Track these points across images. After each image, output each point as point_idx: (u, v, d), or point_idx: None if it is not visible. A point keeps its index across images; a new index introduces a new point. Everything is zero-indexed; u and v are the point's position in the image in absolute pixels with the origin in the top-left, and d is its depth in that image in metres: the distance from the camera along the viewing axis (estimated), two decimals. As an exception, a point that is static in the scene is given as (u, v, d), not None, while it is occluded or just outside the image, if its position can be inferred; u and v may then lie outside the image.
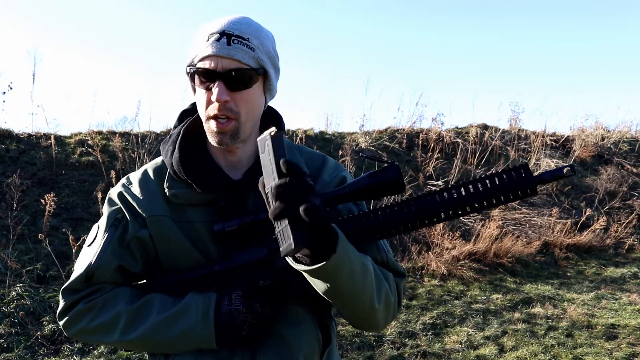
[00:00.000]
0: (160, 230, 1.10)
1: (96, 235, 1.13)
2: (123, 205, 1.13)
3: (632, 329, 4.27)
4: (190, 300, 1.04)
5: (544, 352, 3.83)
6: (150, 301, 1.06)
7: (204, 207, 1.12)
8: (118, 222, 1.12)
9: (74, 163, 5.66)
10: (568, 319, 4.45)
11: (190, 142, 1.16)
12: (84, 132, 6.31)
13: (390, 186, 0.95)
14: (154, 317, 1.03)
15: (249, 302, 1.02)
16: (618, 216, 7.27)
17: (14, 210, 4.58)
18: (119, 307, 1.05)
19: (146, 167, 1.21)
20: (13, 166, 5.37)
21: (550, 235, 6.38)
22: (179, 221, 1.11)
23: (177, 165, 1.12)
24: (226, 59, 1.03)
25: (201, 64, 1.05)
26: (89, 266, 1.08)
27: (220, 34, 1.04)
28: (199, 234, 1.10)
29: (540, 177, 0.91)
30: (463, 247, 5.59)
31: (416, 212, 0.96)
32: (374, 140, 7.53)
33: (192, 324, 1.02)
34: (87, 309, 1.06)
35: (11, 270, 4.02)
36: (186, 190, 1.11)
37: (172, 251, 1.10)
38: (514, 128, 9.13)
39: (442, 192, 0.95)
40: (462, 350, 3.83)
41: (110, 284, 1.10)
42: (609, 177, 8.19)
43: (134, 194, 1.14)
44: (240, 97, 1.06)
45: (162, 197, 1.13)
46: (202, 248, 1.10)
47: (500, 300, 4.82)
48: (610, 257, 6.36)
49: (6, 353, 3.33)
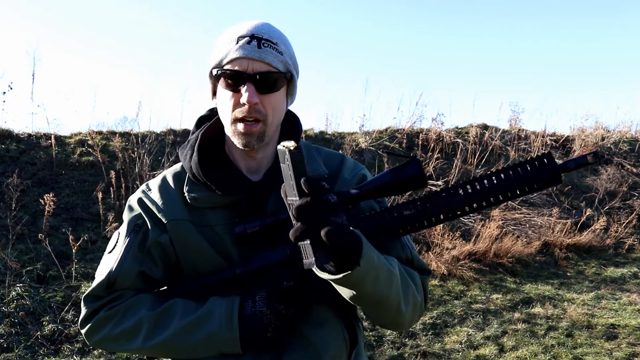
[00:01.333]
0: (180, 234, 1.09)
1: (117, 242, 1.13)
2: (143, 211, 1.13)
3: (632, 329, 4.27)
4: (213, 305, 1.03)
5: (544, 352, 3.83)
6: (172, 306, 1.05)
7: (224, 209, 1.11)
8: (138, 228, 1.12)
9: (74, 163, 5.66)
10: (568, 319, 4.45)
11: (209, 147, 1.16)
12: (84, 132, 6.31)
13: (412, 181, 0.94)
14: (176, 323, 1.02)
15: (272, 303, 1.01)
16: (618, 216, 7.27)
17: (13, 210, 4.58)
18: (142, 313, 1.04)
19: (165, 173, 1.21)
20: (13, 166, 5.37)
21: (550, 235, 6.38)
22: (199, 225, 1.10)
23: (197, 168, 1.12)
24: (257, 62, 1.04)
25: (230, 65, 1.05)
26: (110, 273, 1.07)
27: (250, 37, 1.05)
28: (219, 237, 1.10)
29: (564, 165, 0.90)
30: (463, 247, 5.59)
31: (441, 206, 0.95)
32: (374, 140, 7.52)
33: (216, 328, 1.00)
34: (110, 316, 1.06)
35: (11, 270, 4.01)
36: (206, 193, 1.11)
37: (193, 255, 1.10)
38: (514, 128, 9.13)
39: (465, 185, 0.93)
40: (462, 350, 3.83)
41: (132, 291, 1.09)
42: (609, 177, 8.19)
43: (153, 200, 1.14)
44: (267, 100, 1.06)
45: (182, 201, 1.13)
46: (223, 251, 1.09)
47: (500, 300, 4.82)
48: (610, 257, 6.36)
49: (6, 353, 3.33)
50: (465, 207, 0.94)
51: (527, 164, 0.90)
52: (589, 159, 0.88)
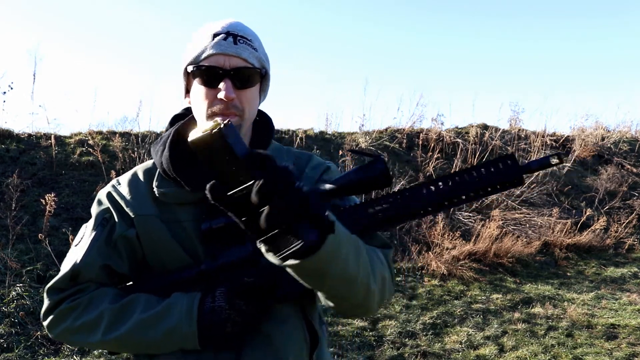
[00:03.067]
0: (147, 229, 1.09)
1: (83, 235, 1.13)
2: (111, 205, 1.13)
3: (632, 329, 4.27)
4: (174, 300, 1.02)
5: (544, 352, 3.83)
6: (134, 301, 1.04)
7: (193, 206, 1.10)
8: (106, 222, 1.12)
9: (74, 163, 5.66)
10: (568, 319, 4.45)
11: (182, 144, 1.15)
12: (84, 132, 6.31)
13: (377, 180, 0.94)
14: (137, 317, 1.01)
15: (232, 299, 1.00)
16: (618, 216, 7.27)
17: (13, 210, 4.58)
18: (103, 306, 1.03)
19: (136, 168, 1.21)
20: (13, 166, 5.37)
21: (550, 235, 6.38)
22: (167, 221, 1.09)
23: (167, 163, 1.12)
24: (234, 57, 1.05)
25: (207, 62, 1.06)
26: (75, 265, 1.07)
27: (226, 34, 1.06)
28: (187, 233, 1.09)
29: (526, 167, 0.91)
30: (463, 247, 5.59)
31: (403, 206, 0.95)
32: (374, 140, 7.53)
33: (175, 322, 1.00)
34: (72, 308, 1.05)
35: (11, 270, 4.01)
36: (175, 190, 1.11)
37: (159, 251, 1.09)
38: (514, 128, 9.13)
39: (429, 185, 0.94)
40: (462, 350, 3.83)
41: (96, 284, 1.08)
42: (609, 177, 8.19)
43: (122, 194, 1.14)
44: (244, 95, 1.07)
45: (151, 197, 1.12)
46: (190, 248, 1.08)
47: (500, 300, 4.82)
48: (610, 257, 6.36)
49: (6, 353, 3.33)
50: (428, 207, 0.94)
51: (490, 165, 0.91)
52: (552, 161, 0.88)
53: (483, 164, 0.91)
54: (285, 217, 0.73)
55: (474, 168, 0.92)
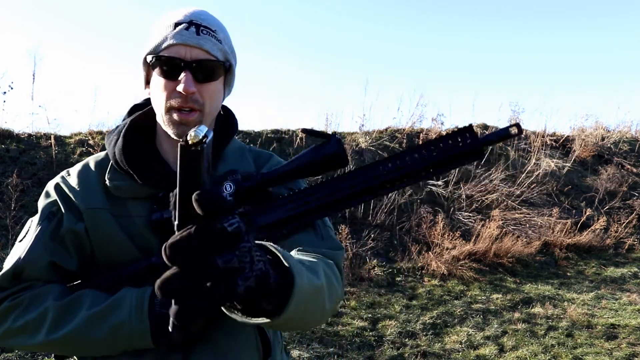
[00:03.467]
0: (97, 223, 1.02)
1: (28, 230, 1.05)
2: (59, 198, 1.06)
3: (632, 329, 4.27)
4: (123, 294, 0.95)
5: (544, 352, 3.83)
6: (80, 297, 0.96)
7: (146, 201, 1.05)
8: (52, 215, 1.04)
9: (74, 163, 5.65)
10: (568, 319, 4.45)
11: (137, 135, 1.11)
12: (84, 132, 6.31)
13: (332, 160, 0.90)
14: (83, 313, 0.93)
15: None
16: (618, 216, 7.27)
17: (12, 210, 4.58)
18: (47, 303, 0.95)
19: (88, 159, 1.15)
20: (13, 166, 5.37)
21: (550, 235, 6.38)
22: (118, 215, 1.04)
23: (120, 154, 1.06)
24: (195, 49, 1.00)
25: (167, 52, 1.00)
26: (18, 261, 0.98)
27: (188, 23, 1.01)
28: (138, 228, 1.03)
29: (485, 139, 0.88)
30: (463, 247, 5.59)
31: (360, 184, 0.89)
32: (374, 140, 7.52)
33: (124, 317, 0.92)
34: (12, 307, 0.96)
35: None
36: (128, 183, 1.05)
37: (109, 247, 1.03)
38: (514, 128, 9.12)
39: (385, 162, 0.89)
40: (462, 350, 3.83)
41: (41, 282, 1.00)
42: (609, 177, 8.19)
43: (72, 186, 1.07)
44: (205, 89, 1.02)
45: (102, 189, 1.06)
46: (141, 244, 1.02)
47: (500, 300, 4.82)
48: (610, 257, 6.36)
49: (6, 353, 3.33)
50: (386, 184, 0.89)
51: (448, 138, 0.88)
52: (511, 131, 0.85)
53: (440, 138, 0.88)
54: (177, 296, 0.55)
55: (431, 142, 0.88)
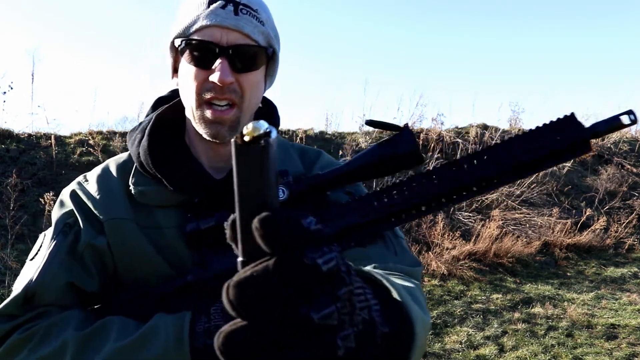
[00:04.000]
0: (120, 236, 0.88)
1: (40, 246, 0.89)
2: (76, 207, 0.91)
3: (632, 329, 4.27)
4: (158, 322, 0.78)
5: (544, 352, 3.83)
6: (106, 326, 0.80)
7: (176, 209, 0.91)
8: (68, 228, 0.89)
9: (74, 163, 5.66)
10: (568, 319, 4.45)
11: (164, 133, 0.96)
12: (84, 132, 6.31)
13: (405, 157, 0.75)
14: (111, 345, 0.77)
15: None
16: (618, 216, 7.27)
17: (12, 210, 4.58)
18: (66, 334, 0.79)
19: (108, 161, 1.00)
20: (13, 166, 5.37)
21: (550, 235, 6.38)
22: (145, 226, 0.89)
23: (145, 155, 0.92)
24: (233, 32, 0.85)
25: (198, 35, 0.85)
26: (29, 284, 0.83)
27: (225, 0, 0.86)
28: (168, 242, 0.89)
29: (592, 129, 0.69)
30: (463, 247, 5.59)
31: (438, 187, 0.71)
32: (374, 140, 7.53)
33: (161, 349, 0.75)
34: (25, 340, 0.80)
35: (11, 270, 4.01)
36: (155, 188, 0.91)
37: (135, 263, 0.88)
38: (514, 128, 9.13)
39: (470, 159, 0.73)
40: (462, 350, 3.83)
41: (57, 307, 0.84)
42: (609, 177, 8.19)
43: (90, 193, 0.92)
44: (244, 80, 0.87)
45: (126, 196, 0.92)
46: (174, 259, 0.88)
47: (500, 300, 4.82)
48: (610, 257, 6.36)
49: (6, 353, 3.33)
50: (473, 186, 0.73)
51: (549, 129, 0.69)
52: (623, 120, 0.67)
53: (540, 129, 0.69)
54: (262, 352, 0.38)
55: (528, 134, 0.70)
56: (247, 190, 0.38)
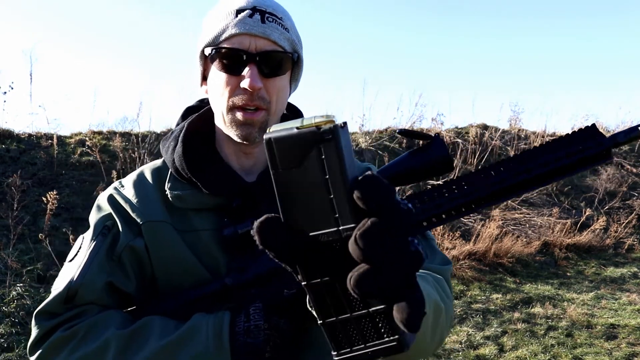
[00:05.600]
0: (158, 239, 0.91)
1: (80, 248, 0.93)
2: (114, 211, 0.95)
3: (631, 328, 4.27)
4: (197, 321, 0.82)
5: (544, 352, 3.84)
6: (147, 325, 0.84)
7: (211, 212, 0.95)
8: (107, 231, 0.93)
9: (74, 163, 5.67)
10: (568, 318, 4.46)
11: (196, 140, 1.00)
12: (84, 132, 6.32)
13: (437, 165, 0.78)
14: (153, 344, 0.80)
15: (271, 316, 0.81)
16: (618, 216, 7.28)
17: (15, 210, 4.58)
18: (108, 333, 0.82)
19: (143, 168, 1.04)
20: (13, 166, 5.38)
21: (550, 235, 6.38)
22: (181, 230, 0.93)
23: (180, 161, 0.96)
24: (261, 39, 0.89)
25: (228, 43, 0.89)
26: (70, 284, 0.86)
27: (252, 9, 0.90)
28: (204, 244, 0.92)
29: (613, 139, 0.73)
30: (463, 247, 5.60)
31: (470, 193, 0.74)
32: (374, 140, 7.53)
33: (202, 348, 0.79)
34: (67, 338, 0.83)
35: (12, 270, 4.02)
36: (191, 192, 0.95)
37: (172, 266, 0.91)
38: (514, 128, 9.14)
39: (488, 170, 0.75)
40: (462, 350, 3.84)
41: (97, 306, 0.88)
42: (609, 177, 8.20)
43: (127, 197, 0.96)
44: (272, 85, 0.91)
45: (162, 201, 0.96)
46: (209, 262, 0.91)
47: (500, 300, 4.82)
48: (610, 257, 6.36)
49: (6, 353, 3.34)
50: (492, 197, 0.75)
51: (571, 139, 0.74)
52: None
53: (563, 139, 0.74)
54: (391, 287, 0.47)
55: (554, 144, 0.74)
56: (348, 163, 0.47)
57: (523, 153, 0.75)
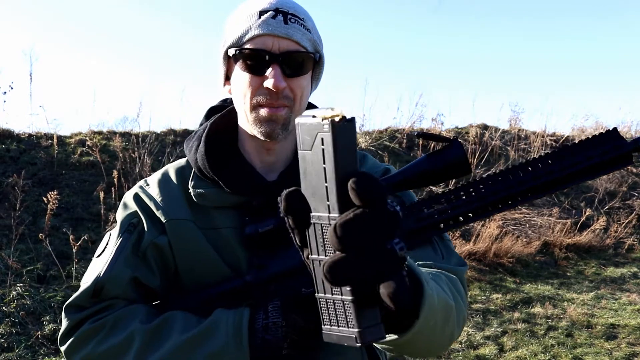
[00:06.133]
0: (181, 236, 0.95)
1: (107, 244, 0.98)
2: (139, 209, 0.98)
3: (631, 328, 4.27)
4: (218, 317, 0.85)
5: (543, 352, 3.84)
6: (170, 319, 0.88)
7: (233, 210, 0.97)
8: (133, 228, 0.97)
9: (74, 163, 5.67)
10: (568, 318, 4.46)
11: (219, 140, 1.03)
12: (84, 132, 6.32)
13: (455, 167, 0.79)
14: (175, 338, 0.84)
15: (289, 313, 0.84)
16: (618, 216, 7.28)
17: (17, 211, 4.58)
18: (133, 326, 0.87)
19: (167, 167, 1.08)
20: (14, 166, 5.38)
21: (550, 235, 6.38)
22: (203, 227, 0.96)
23: (203, 160, 0.98)
24: (284, 40, 0.91)
25: (252, 44, 0.91)
26: (97, 278, 0.91)
27: (274, 11, 0.92)
28: (226, 241, 0.95)
29: (635, 142, 0.74)
30: (463, 247, 5.60)
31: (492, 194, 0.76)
32: (374, 140, 7.53)
33: (221, 343, 0.82)
34: (95, 330, 0.89)
35: (12, 270, 4.02)
36: (214, 190, 0.97)
37: (194, 262, 0.95)
38: (514, 128, 9.14)
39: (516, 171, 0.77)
40: (462, 350, 3.84)
41: (123, 300, 0.93)
42: (609, 177, 8.20)
43: (152, 196, 0.99)
44: (295, 84, 0.93)
45: (185, 199, 0.99)
46: (230, 259, 0.94)
47: (500, 300, 4.82)
48: (610, 257, 6.37)
49: (7, 353, 3.34)
50: (528, 193, 0.77)
51: (593, 143, 0.75)
52: None
53: (585, 142, 0.75)
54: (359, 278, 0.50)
55: (577, 147, 0.75)
56: (343, 156, 0.50)
57: (543, 157, 0.76)
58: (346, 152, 0.51)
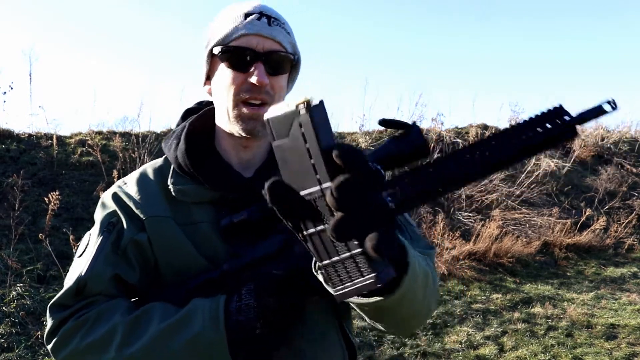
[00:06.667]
0: (160, 233, 0.98)
1: (87, 244, 1.01)
2: (118, 207, 1.01)
3: (631, 328, 4.28)
4: (195, 305, 0.89)
5: (543, 352, 3.84)
6: (150, 310, 0.91)
7: (211, 205, 1.01)
8: (112, 227, 1.00)
9: (74, 163, 5.67)
10: (568, 318, 4.46)
11: (197, 138, 1.07)
12: (84, 132, 6.32)
13: (416, 151, 0.83)
14: (155, 327, 0.88)
15: (261, 295, 0.87)
16: (618, 216, 7.28)
17: (16, 211, 4.58)
18: (115, 319, 0.90)
19: (144, 166, 1.10)
20: (14, 166, 5.38)
21: (550, 235, 6.39)
22: (181, 223, 0.99)
23: (183, 157, 1.02)
24: (268, 40, 0.97)
25: (237, 42, 0.96)
26: (80, 277, 0.94)
27: (259, 13, 0.98)
28: (204, 235, 0.98)
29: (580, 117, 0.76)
30: (463, 247, 5.60)
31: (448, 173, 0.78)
32: (374, 140, 7.53)
33: (199, 329, 0.86)
34: (78, 326, 0.92)
35: (12, 270, 4.02)
36: (193, 186, 1.01)
37: (174, 257, 0.98)
38: (513, 128, 9.13)
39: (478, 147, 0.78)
40: (462, 350, 3.84)
41: (105, 297, 0.96)
42: (609, 177, 8.20)
43: (130, 194, 1.02)
44: (276, 83, 0.99)
45: (164, 196, 1.02)
46: (208, 252, 0.98)
47: (500, 300, 4.82)
48: (610, 257, 6.37)
49: (7, 353, 3.34)
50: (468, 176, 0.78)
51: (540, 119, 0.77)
52: (605, 108, 0.75)
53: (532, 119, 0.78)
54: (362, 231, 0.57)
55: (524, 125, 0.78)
56: (322, 133, 0.57)
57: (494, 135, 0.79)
58: (324, 129, 0.58)
